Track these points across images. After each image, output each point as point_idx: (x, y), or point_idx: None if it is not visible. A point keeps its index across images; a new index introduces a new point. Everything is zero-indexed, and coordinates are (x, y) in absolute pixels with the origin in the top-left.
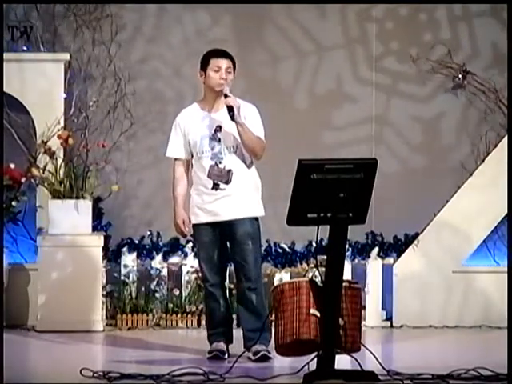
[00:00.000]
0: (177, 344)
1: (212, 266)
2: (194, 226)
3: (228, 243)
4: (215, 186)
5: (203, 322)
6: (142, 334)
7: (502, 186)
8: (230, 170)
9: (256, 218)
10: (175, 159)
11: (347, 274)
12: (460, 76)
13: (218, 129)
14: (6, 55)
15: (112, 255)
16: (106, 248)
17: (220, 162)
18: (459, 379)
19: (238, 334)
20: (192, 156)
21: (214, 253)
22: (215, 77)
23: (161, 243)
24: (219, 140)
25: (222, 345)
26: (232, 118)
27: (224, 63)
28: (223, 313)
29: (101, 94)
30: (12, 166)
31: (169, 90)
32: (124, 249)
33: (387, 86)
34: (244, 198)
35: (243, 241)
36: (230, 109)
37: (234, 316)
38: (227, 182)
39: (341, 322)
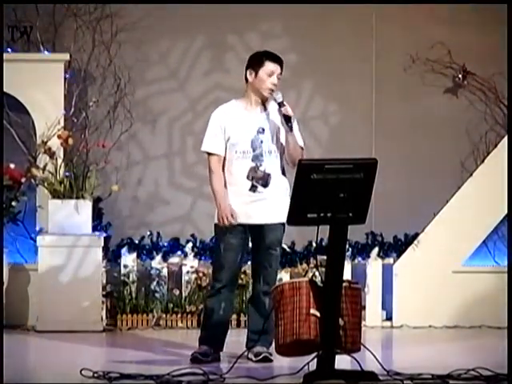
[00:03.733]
0: (177, 344)
1: (231, 269)
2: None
3: (252, 245)
4: (253, 188)
5: None
6: (141, 334)
7: (502, 186)
8: (269, 174)
9: (284, 224)
10: (211, 154)
11: (347, 274)
12: (460, 76)
13: (261, 130)
14: (6, 55)
15: (112, 255)
16: (106, 248)
17: (261, 165)
18: (459, 379)
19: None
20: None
21: (237, 257)
22: (267, 81)
23: (161, 243)
24: (261, 142)
25: (206, 348)
26: (291, 129)
27: (278, 69)
28: (221, 316)
29: (101, 94)
30: (12, 166)
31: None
32: (124, 249)
33: (387, 88)
34: (278, 202)
35: (272, 246)
36: (289, 119)
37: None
38: (265, 186)
39: (341, 322)
